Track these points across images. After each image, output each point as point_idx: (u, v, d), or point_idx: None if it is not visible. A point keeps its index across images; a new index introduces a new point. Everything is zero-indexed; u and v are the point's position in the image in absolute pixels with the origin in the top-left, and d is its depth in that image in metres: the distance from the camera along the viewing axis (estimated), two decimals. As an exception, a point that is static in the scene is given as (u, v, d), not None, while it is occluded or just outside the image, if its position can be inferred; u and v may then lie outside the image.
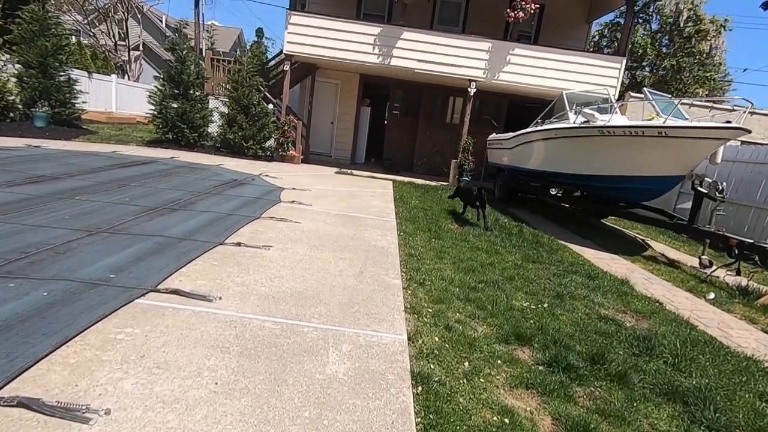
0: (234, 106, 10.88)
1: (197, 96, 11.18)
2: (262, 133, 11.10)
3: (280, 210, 5.24)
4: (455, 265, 4.39)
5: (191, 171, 7.33)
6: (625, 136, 6.02)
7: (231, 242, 3.70)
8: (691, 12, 16.41)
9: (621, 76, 10.91)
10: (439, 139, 13.32)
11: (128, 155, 8.28)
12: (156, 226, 3.92)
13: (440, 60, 10.64)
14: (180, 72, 10.85)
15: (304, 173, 9.29)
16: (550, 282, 4.36)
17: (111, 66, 17.46)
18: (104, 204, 4.49)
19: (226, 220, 4.44)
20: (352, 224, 5.06)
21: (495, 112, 13.27)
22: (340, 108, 13.23)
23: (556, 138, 7.37)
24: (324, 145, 13.51)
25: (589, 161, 6.76)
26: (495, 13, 12.37)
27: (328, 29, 10.47)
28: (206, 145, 11.28)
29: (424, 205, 7.59)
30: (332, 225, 4.89)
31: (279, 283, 3.00)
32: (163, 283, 2.69)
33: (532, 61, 10.65)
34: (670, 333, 3.42)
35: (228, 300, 2.62)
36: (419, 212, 6.73)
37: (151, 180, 6.10)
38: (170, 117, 10.63)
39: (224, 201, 5.33)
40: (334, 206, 6.00)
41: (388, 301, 3.01)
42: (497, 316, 3.23)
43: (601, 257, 5.92)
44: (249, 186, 6.64)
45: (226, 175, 7.32)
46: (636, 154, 6.06)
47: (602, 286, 4.44)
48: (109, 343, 1.99)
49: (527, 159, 8.65)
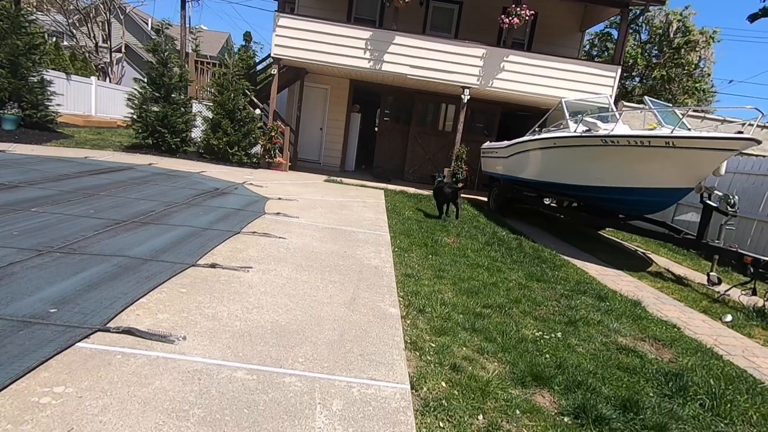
0: (218, 111, 10.41)
1: (180, 100, 10.67)
2: (247, 139, 10.64)
3: (264, 223, 4.79)
4: (456, 285, 3.99)
5: (169, 179, 6.83)
6: (630, 147, 5.74)
7: (205, 263, 3.25)
8: (680, 23, 16.52)
9: (616, 85, 10.75)
10: (431, 146, 13.00)
11: (102, 161, 7.74)
12: (119, 243, 3.45)
13: (433, 66, 10.34)
14: (162, 74, 10.35)
15: (291, 182, 8.85)
16: (559, 305, 3.99)
17: (91, 68, 16.80)
18: (63, 217, 3.99)
19: (202, 235, 3.98)
20: (342, 239, 4.64)
21: (488, 120, 13.02)
22: (330, 114, 12.84)
23: (555, 147, 7.08)
24: (313, 152, 13.08)
25: (590, 172, 6.48)
26: (488, 20, 12.18)
27: (317, 32, 10.10)
28: (189, 151, 10.76)
29: (418, 216, 7.21)
30: (321, 240, 4.46)
31: (258, 316, 2.56)
32: (115, 319, 2.23)
33: (527, 69, 10.43)
34: (698, 366, 3.07)
35: (194, 340, 2.18)
36: (413, 224, 6.34)
37: (123, 189, 5.59)
38: (150, 121, 10.10)
39: (202, 213, 4.86)
40: (323, 218, 5.57)
41: (385, 335, 2.59)
42: (509, 350, 2.84)
43: (606, 273, 5.60)
44: (231, 196, 6.17)
45: (207, 184, 6.83)
46: (641, 165, 5.78)
47: (614, 308, 4.09)
48: (27, 411, 1.53)
49: (524, 168, 8.36)
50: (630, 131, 5.95)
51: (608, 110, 7.13)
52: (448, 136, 12.78)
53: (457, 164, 10.60)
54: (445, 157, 12.83)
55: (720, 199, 5.40)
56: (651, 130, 6.45)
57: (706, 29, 15.93)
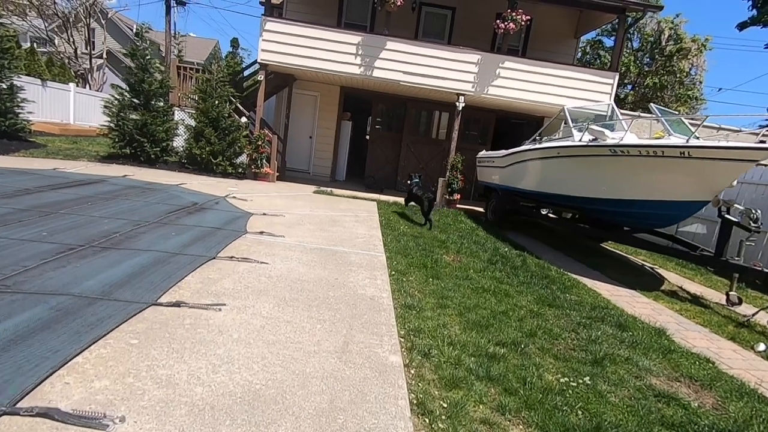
0: (201, 119, 9.86)
1: (160, 107, 10.11)
2: (232, 148, 10.09)
3: (245, 245, 4.27)
4: (462, 316, 3.51)
5: (143, 193, 6.26)
6: (641, 157, 5.35)
7: (168, 301, 2.72)
8: (671, 31, 16.47)
9: (613, 92, 10.47)
10: (424, 155, 12.59)
11: (71, 174, 7.14)
12: (67, 276, 2.90)
13: (427, 72, 9.96)
14: (141, 80, 9.79)
15: (278, 194, 8.32)
16: (578, 337, 3.54)
17: (70, 74, 16.11)
18: (7, 242, 3.43)
19: (170, 262, 3.45)
20: (333, 263, 4.14)
21: (482, 127, 12.67)
22: (320, 122, 12.36)
23: (559, 157, 6.69)
24: (302, 161, 12.57)
25: (597, 183, 6.08)
26: (481, 26, 11.89)
27: (306, 37, 9.66)
28: (170, 161, 10.17)
29: (414, 231, 6.74)
30: (308, 265, 3.95)
31: (226, 376, 2.05)
32: (34, 392, 1.70)
33: (523, 75, 10.10)
34: (747, 415, 2.63)
35: (135, 421, 1.65)
36: (409, 241, 5.86)
37: (88, 206, 5.02)
38: (128, 130, 9.51)
39: (174, 234, 4.32)
40: (312, 237, 5.06)
41: (386, 397, 2.09)
42: (533, 406, 2.36)
43: (620, 294, 5.17)
44: (210, 212, 5.63)
45: (185, 198, 6.28)
46: (653, 176, 5.39)
47: (639, 339, 3.65)
48: None
49: (524, 179, 7.96)
50: (639, 140, 5.56)
51: (612, 118, 6.78)
52: (442, 144, 12.39)
53: (452, 174, 10.19)
54: (439, 166, 12.42)
55: (741, 214, 5.02)
56: (658, 139, 6.11)
57: (698, 37, 15.90)
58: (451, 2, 11.92)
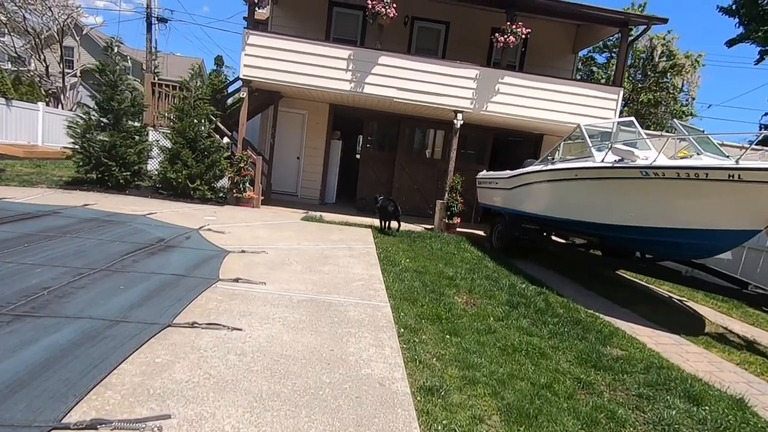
0: (178, 139, 8.98)
1: (132, 127, 9.22)
2: (212, 171, 9.20)
3: (214, 301, 3.37)
4: (497, 397, 2.67)
5: (100, 228, 5.33)
6: (680, 180, 4.66)
7: (80, 419, 1.81)
8: (664, 47, 16.33)
9: (618, 108, 9.97)
10: (419, 176, 11.88)
11: (18, 204, 6.17)
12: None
13: (422, 88, 9.32)
14: (110, 98, 8.92)
15: (261, 222, 7.44)
16: (647, 419, 2.72)
17: (39, 93, 15.11)
18: None
19: (103, 338, 2.54)
20: (326, 322, 3.26)
21: (480, 146, 12.05)
22: (308, 141, 11.59)
23: (577, 180, 5.99)
24: (289, 183, 11.73)
25: (624, 209, 5.37)
26: (477, 41, 11.40)
27: (292, 51, 8.97)
28: (142, 187, 9.24)
29: (417, 264, 5.90)
30: (295, 329, 3.07)
31: None
32: None
33: (524, 91, 9.53)
34: None
35: None
36: (415, 280, 5.02)
37: (23, 248, 4.09)
38: (95, 152, 8.57)
39: (124, 287, 3.41)
40: (300, 282, 4.19)
41: None
42: None
43: (664, 342, 4.39)
44: (177, 251, 4.72)
45: (150, 233, 5.36)
46: (694, 201, 4.70)
47: (719, 418, 2.85)
48: None
49: (534, 202, 7.24)
50: (677, 162, 4.88)
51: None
52: (438, 164, 11.72)
53: (451, 196, 9.44)
54: (434, 187, 11.72)
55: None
56: (685, 159, 5.47)
57: (691, 53, 15.79)
58: (445, 16, 11.42)
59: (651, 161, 4.91)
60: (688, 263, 6.17)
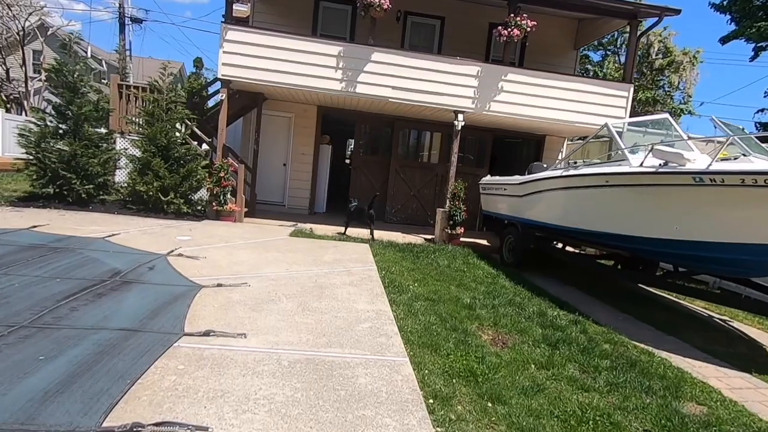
0: (148, 147, 7.99)
1: (95, 134, 8.18)
2: (188, 182, 8.22)
3: (172, 372, 2.44)
4: None
5: (42, 258, 4.33)
6: (744, 187, 3.91)
7: None
8: (661, 44, 15.90)
9: (629, 106, 9.31)
10: (416, 181, 11.05)
11: (-54, 229, 5.13)
12: None
13: (420, 87, 8.52)
14: (69, 102, 7.88)
15: (244, 241, 6.49)
16: None
17: (-1, 99, 13.89)
18: None
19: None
20: (330, 403, 2.36)
21: (479, 148, 11.28)
22: (295, 147, 10.65)
23: (607, 186, 5.23)
24: (275, 192, 10.76)
25: (668, 220, 4.62)
26: (474, 37, 10.65)
27: (276, 48, 8.07)
28: (108, 201, 8.19)
29: (427, 289, 5.04)
30: (286, 421, 2.17)
31: None
32: None
33: (529, 89, 8.80)
34: None
35: None
36: (430, 313, 4.16)
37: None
38: (51, 163, 7.52)
39: (44, 358, 2.45)
40: (291, 329, 3.28)
41: None
42: None
43: (738, 386, 3.62)
44: (135, 289, 3.76)
45: (105, 263, 4.38)
46: (759, 212, 3.96)
47: None
48: None
49: (551, 212, 6.47)
50: (741, 166, 4.13)
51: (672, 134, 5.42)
52: (435, 168, 10.93)
53: (453, 204, 8.62)
54: (432, 193, 10.92)
55: None
56: (725, 161, 4.74)
57: (689, 50, 15.38)
58: (440, 11, 10.65)
59: (705, 165, 4.16)
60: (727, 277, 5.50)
